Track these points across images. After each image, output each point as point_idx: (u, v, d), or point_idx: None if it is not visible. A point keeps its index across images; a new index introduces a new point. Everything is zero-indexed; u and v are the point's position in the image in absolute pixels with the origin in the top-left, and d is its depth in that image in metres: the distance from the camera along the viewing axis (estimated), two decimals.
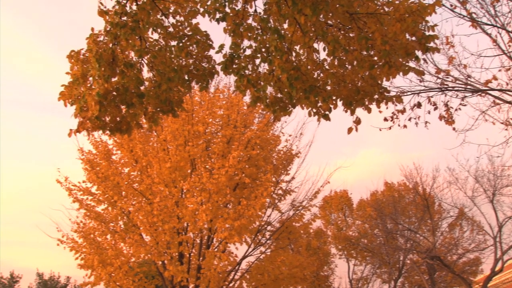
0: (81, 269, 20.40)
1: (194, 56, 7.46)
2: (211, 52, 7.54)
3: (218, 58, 7.39)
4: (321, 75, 7.20)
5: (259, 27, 6.86)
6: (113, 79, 7.04)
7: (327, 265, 36.71)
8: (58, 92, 7.36)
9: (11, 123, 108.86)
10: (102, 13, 6.84)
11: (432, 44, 6.76)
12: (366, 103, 7.28)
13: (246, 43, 6.97)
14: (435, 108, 12.76)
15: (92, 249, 20.28)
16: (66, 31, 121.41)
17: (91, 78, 7.16)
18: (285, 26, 6.96)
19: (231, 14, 6.83)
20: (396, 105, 7.71)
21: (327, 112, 7.25)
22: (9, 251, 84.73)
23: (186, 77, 7.53)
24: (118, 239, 20.56)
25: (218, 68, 7.41)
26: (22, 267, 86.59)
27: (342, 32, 6.96)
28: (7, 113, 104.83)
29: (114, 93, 7.12)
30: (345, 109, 7.29)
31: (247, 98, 21.64)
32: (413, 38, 6.66)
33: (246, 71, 7.03)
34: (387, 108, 7.77)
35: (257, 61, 7.05)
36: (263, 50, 6.91)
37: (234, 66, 7.00)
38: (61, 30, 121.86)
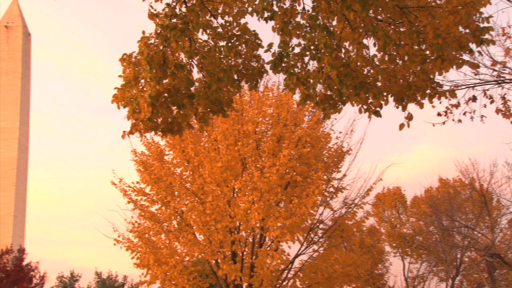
0: (137, 268, 20.83)
1: (243, 56, 7.48)
2: (260, 51, 7.55)
3: (267, 57, 7.36)
4: (371, 71, 7.09)
5: (307, 24, 6.82)
6: (164, 81, 7.14)
7: (381, 263, 36.17)
8: (111, 94, 7.52)
9: (70, 126, 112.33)
10: (153, 16, 6.95)
11: (487, 36, 6.55)
12: (418, 98, 7.13)
13: (294, 41, 6.94)
14: (492, 102, 12.35)
15: (148, 249, 20.64)
16: (118, 34, 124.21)
17: (142, 81, 7.28)
18: (334, 23, 6.89)
19: (279, 13, 6.82)
20: (449, 99, 7.51)
21: (378, 109, 7.13)
22: (69, 251, 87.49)
23: (236, 77, 7.55)
24: (172, 238, 20.86)
25: (267, 67, 7.40)
26: (82, 267, 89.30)
27: (392, 27, 6.83)
28: (65, 116, 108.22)
29: (166, 94, 7.21)
30: (397, 105, 7.16)
31: (296, 96, 21.56)
32: (467, 31, 6.48)
33: (295, 69, 6.99)
34: (440, 103, 7.59)
35: (306, 58, 7.01)
36: (312, 47, 6.86)
37: (283, 64, 6.98)
38: (115, 33, 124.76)
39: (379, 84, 7.06)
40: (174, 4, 6.91)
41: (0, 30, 51.63)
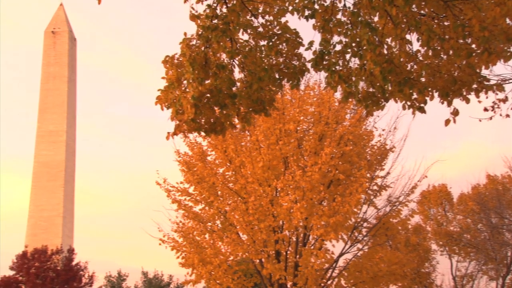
0: (182, 268, 21.07)
1: (284, 55, 7.46)
2: (301, 50, 7.51)
3: (308, 55, 7.35)
4: (415, 66, 6.97)
5: (349, 21, 6.75)
6: (206, 82, 7.19)
7: (428, 261, 35.54)
8: (155, 96, 7.62)
9: (115, 127, 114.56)
10: (194, 17, 7.01)
11: None
12: (464, 93, 6.97)
13: (336, 38, 6.89)
14: None
15: (192, 248, 20.85)
16: (161, 37, 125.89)
17: (185, 82, 7.35)
18: (376, 19, 6.80)
19: (320, 11, 6.77)
20: (497, 94, 7.31)
21: (422, 105, 7.01)
22: (116, 251, 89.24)
23: (277, 76, 7.55)
24: (216, 238, 21.02)
25: (308, 65, 7.36)
26: (128, 266, 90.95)
27: (436, 21, 6.70)
28: (110, 118, 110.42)
29: (208, 95, 7.27)
30: (442, 100, 7.01)
31: (338, 94, 21.38)
32: None
33: (337, 67, 6.94)
34: (487, 97, 7.40)
35: (348, 56, 6.94)
36: (354, 44, 6.79)
37: (324, 62, 6.93)
38: (158, 36, 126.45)
39: (423, 79, 6.94)
40: (215, 5, 6.96)
41: (47, 36, 53.09)
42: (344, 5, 6.84)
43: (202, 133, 7.77)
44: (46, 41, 53.14)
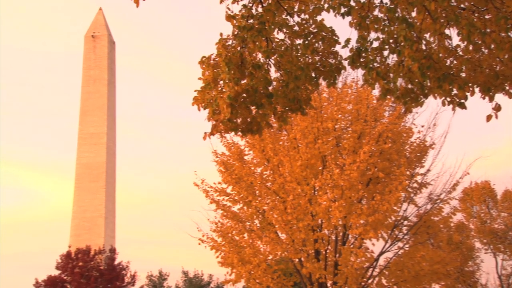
0: (222, 267, 21.18)
1: (320, 53, 7.41)
2: (337, 48, 7.46)
3: (345, 53, 7.30)
4: (455, 62, 6.83)
5: (386, 17, 6.66)
6: (243, 81, 7.21)
7: (471, 260, 34.83)
8: (192, 97, 7.68)
9: (153, 129, 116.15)
10: (230, 17, 7.04)
11: None
12: (507, 87, 6.79)
13: (373, 35, 6.81)
14: None
15: (231, 248, 20.95)
16: (198, 37, 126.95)
17: (221, 82, 7.38)
18: (413, 14, 6.69)
19: (356, 8, 6.71)
20: None
21: (462, 100, 6.86)
22: (156, 251, 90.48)
23: (313, 75, 7.51)
24: (255, 237, 21.06)
25: (345, 63, 7.30)
26: (169, 265, 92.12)
27: (476, 14, 6.54)
28: (148, 119, 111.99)
29: (244, 95, 7.28)
30: (483, 95, 6.85)
31: (376, 91, 21.15)
32: None
33: (374, 64, 6.86)
34: None
35: (385, 52, 6.86)
36: (391, 41, 6.70)
37: (361, 59, 6.86)
38: (195, 37, 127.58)
39: (463, 74, 6.79)
40: (251, 5, 6.97)
41: (87, 40, 54.20)
42: (381, 1, 6.75)
43: (239, 133, 7.80)
44: (86, 45, 54.24)
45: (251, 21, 6.93)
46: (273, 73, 7.58)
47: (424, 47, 6.68)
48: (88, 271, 36.75)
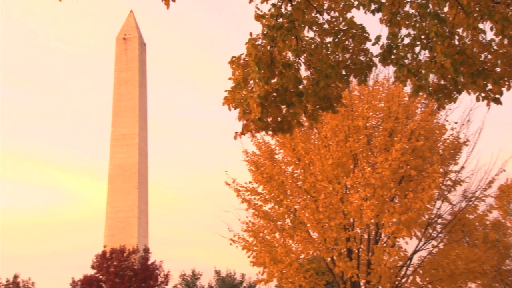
0: (254, 266, 21.21)
1: (350, 51, 7.37)
2: (368, 45, 7.41)
3: (375, 50, 7.27)
4: (489, 56, 6.70)
5: (417, 13, 6.58)
6: (273, 81, 7.21)
7: (509, 258, 34.08)
8: (222, 97, 7.71)
9: (184, 129, 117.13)
10: (259, 17, 7.05)
11: None
12: None
13: (404, 31, 6.74)
14: None
15: (263, 247, 20.96)
16: (228, 38, 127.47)
17: (251, 82, 7.40)
18: (446, 9, 6.59)
19: (386, 4, 6.65)
20: None
21: (498, 96, 6.73)
22: (189, 250, 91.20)
23: (344, 72, 7.47)
24: (287, 236, 21.03)
25: (376, 60, 7.24)
26: (201, 265, 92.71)
27: (511, 8, 6.41)
28: (179, 120, 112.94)
29: (274, 94, 7.28)
30: None
31: (408, 88, 20.88)
32: None
33: (406, 61, 6.79)
34: None
35: (417, 49, 6.78)
36: (423, 37, 6.62)
37: (392, 56, 6.80)
38: (224, 37, 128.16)
39: (498, 69, 6.66)
40: (280, 4, 6.97)
41: (118, 42, 54.91)
42: None
43: (270, 132, 7.80)
44: (117, 47, 54.93)
45: (280, 20, 6.93)
46: (303, 72, 7.57)
47: (457, 42, 6.58)
48: (123, 270, 37.23)
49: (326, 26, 7.32)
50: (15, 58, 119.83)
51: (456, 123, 22.19)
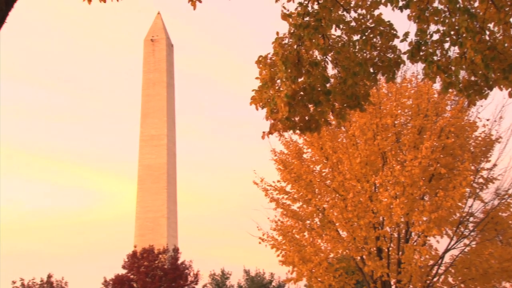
0: (283, 266, 21.20)
1: (378, 48, 7.31)
2: (396, 42, 7.35)
3: (403, 47, 7.21)
4: None
5: (446, 9, 6.49)
6: (300, 80, 7.20)
7: None
8: (249, 97, 7.73)
9: (212, 129, 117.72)
10: (286, 16, 7.04)
11: None
12: None
13: (432, 27, 6.66)
14: None
15: (292, 246, 20.93)
16: (254, 37, 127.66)
17: (278, 81, 7.40)
18: (476, 4, 6.49)
19: (415, 0, 6.57)
20: None
21: None
22: (218, 250, 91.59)
23: (372, 70, 7.42)
24: (315, 236, 20.96)
25: (404, 57, 7.17)
26: (230, 264, 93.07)
27: None
28: (207, 120, 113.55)
29: (302, 93, 7.27)
30: None
31: (437, 85, 20.60)
32: None
33: (435, 57, 6.71)
34: None
35: (446, 45, 6.69)
36: (452, 32, 6.52)
37: (421, 53, 6.73)
38: (251, 37, 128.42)
39: None
40: (306, 2, 6.95)
41: (146, 44, 55.47)
42: None
43: (297, 131, 7.79)
44: (145, 49, 55.48)
45: (307, 18, 6.91)
46: (330, 70, 7.54)
47: (487, 38, 6.47)
48: (153, 270, 37.60)
49: (353, 23, 7.27)
50: (47, 61, 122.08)
51: (487, 120, 21.82)
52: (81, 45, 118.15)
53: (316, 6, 6.97)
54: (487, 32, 6.50)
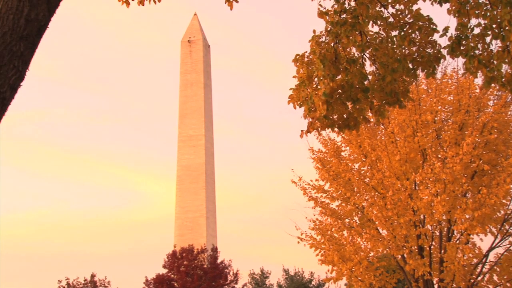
0: (322, 265, 21.10)
1: (417, 43, 7.21)
2: (435, 37, 7.23)
3: (443, 41, 7.08)
4: None
5: (487, 2, 6.35)
6: (337, 77, 7.16)
7: None
8: (287, 95, 7.72)
9: (250, 128, 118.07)
10: (322, 14, 7.01)
11: None
12: None
13: (473, 21, 6.52)
14: None
15: (331, 245, 20.81)
16: (291, 36, 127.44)
17: (316, 79, 7.37)
18: None
19: None
20: None
21: None
22: (257, 249, 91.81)
23: (411, 66, 7.32)
24: (355, 234, 20.79)
25: (444, 52, 7.04)
26: (269, 263, 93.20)
27: None
28: (245, 119, 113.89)
29: (339, 90, 7.23)
30: None
31: (479, 80, 20.19)
32: None
33: (476, 51, 6.57)
34: None
35: (488, 39, 6.55)
36: (494, 26, 6.37)
37: (461, 47, 6.60)
38: (289, 36, 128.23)
39: None
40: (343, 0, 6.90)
41: (183, 45, 56.01)
42: None
43: (335, 129, 7.75)
44: (182, 50, 56.01)
45: (344, 16, 6.87)
46: (368, 67, 7.47)
47: None
48: (193, 269, 37.93)
49: (391, 19, 7.19)
50: (87, 64, 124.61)
51: None
52: (119, 48, 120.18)
53: (353, 3, 6.92)
54: None
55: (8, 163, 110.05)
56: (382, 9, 7.21)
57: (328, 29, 6.97)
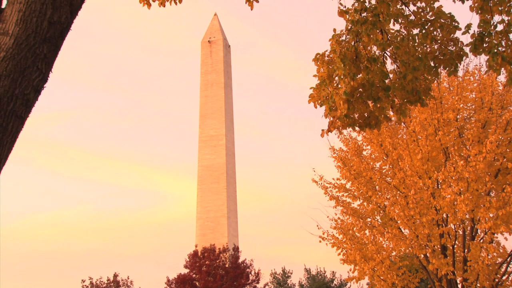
0: (344, 264, 21.03)
1: (439, 41, 7.15)
2: (457, 34, 7.15)
3: (466, 39, 7.02)
4: None
5: None
6: (358, 76, 7.13)
7: None
8: (307, 95, 7.72)
9: (271, 128, 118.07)
10: (342, 13, 6.99)
11: None
12: None
13: (496, 18, 6.45)
14: None
15: (353, 245, 20.73)
16: (311, 35, 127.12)
17: (337, 78, 7.36)
18: None
19: None
20: None
21: None
22: (278, 249, 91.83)
23: (432, 64, 7.26)
24: (377, 233, 20.68)
25: (467, 49, 6.98)
26: (291, 263, 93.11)
27: None
28: (265, 119, 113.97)
29: (360, 89, 7.21)
30: None
31: (502, 77, 19.92)
32: None
33: (500, 48, 6.49)
34: None
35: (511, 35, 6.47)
36: None
37: (484, 45, 6.53)
38: (309, 35, 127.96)
39: None
40: None
41: (204, 46, 56.24)
42: None
43: (357, 128, 7.73)
44: (203, 50, 56.26)
45: (364, 14, 6.84)
46: (389, 66, 7.44)
47: None
48: (214, 269, 38.06)
49: (412, 17, 7.14)
50: (108, 65, 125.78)
51: None
52: (140, 49, 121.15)
53: (373, 1, 6.89)
54: None
55: (33, 164, 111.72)
56: (403, 7, 7.16)
57: (349, 27, 6.95)
